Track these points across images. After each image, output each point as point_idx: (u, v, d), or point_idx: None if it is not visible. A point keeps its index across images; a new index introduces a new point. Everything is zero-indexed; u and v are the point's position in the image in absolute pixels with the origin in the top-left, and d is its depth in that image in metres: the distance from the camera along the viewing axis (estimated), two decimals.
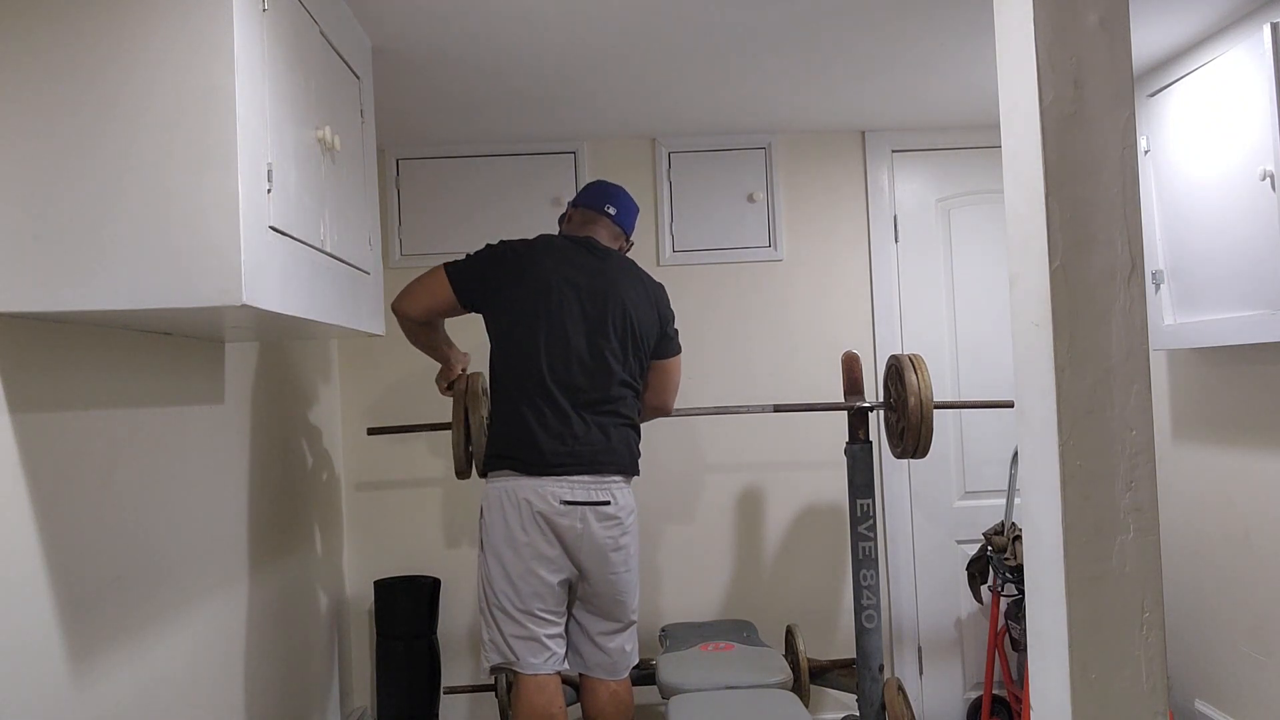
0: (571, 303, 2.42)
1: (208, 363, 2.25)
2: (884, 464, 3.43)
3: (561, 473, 2.36)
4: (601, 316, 2.44)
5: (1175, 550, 3.06)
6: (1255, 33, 2.36)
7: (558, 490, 2.35)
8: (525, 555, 2.35)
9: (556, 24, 2.36)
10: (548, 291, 2.42)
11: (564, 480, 2.36)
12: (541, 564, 2.36)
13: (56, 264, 1.43)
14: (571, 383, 2.40)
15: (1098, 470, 1.46)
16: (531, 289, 2.42)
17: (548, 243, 2.53)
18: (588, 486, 2.38)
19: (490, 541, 2.39)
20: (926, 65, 2.79)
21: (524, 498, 2.35)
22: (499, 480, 2.40)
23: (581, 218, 2.61)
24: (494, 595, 2.38)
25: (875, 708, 2.86)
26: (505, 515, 2.36)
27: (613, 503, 2.41)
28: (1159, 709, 1.46)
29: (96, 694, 1.70)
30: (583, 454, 2.39)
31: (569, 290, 2.43)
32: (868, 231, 3.51)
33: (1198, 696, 3.00)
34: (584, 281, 2.45)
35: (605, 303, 2.45)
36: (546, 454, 2.36)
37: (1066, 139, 1.47)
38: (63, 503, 1.62)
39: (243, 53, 1.49)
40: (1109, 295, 1.47)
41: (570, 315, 2.41)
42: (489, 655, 2.43)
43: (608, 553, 2.40)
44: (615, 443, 2.44)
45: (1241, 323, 2.49)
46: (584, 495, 2.37)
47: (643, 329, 2.51)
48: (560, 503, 2.35)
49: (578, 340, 2.41)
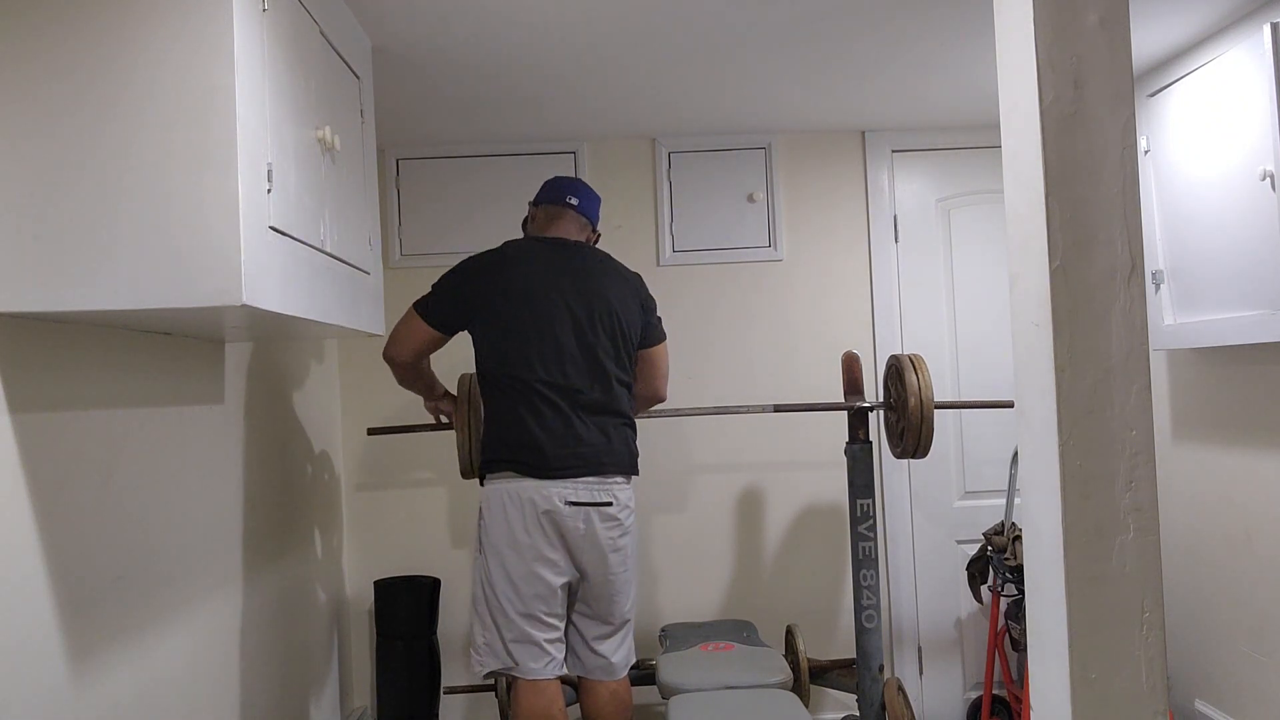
0: (559, 307, 2.41)
1: (208, 363, 2.25)
2: (884, 464, 3.43)
3: (566, 475, 2.36)
4: (589, 316, 2.43)
5: (1175, 550, 3.06)
6: (1255, 33, 2.36)
7: (562, 491, 2.35)
8: (528, 557, 2.34)
9: (557, 24, 2.36)
10: (531, 298, 2.40)
11: (568, 482, 2.36)
12: (545, 566, 2.35)
13: (57, 264, 1.43)
14: (568, 385, 2.39)
15: (1098, 470, 1.46)
16: (515, 297, 2.41)
17: (520, 248, 2.51)
18: (591, 487, 2.38)
19: (490, 543, 2.38)
20: (926, 65, 2.79)
21: (528, 498, 2.34)
22: (500, 482, 2.38)
23: (545, 215, 2.58)
24: (494, 597, 2.37)
25: (875, 708, 2.86)
26: (507, 516, 2.35)
27: (615, 503, 2.41)
28: (1159, 709, 1.46)
29: (96, 694, 1.70)
30: (586, 455, 2.38)
31: (554, 294, 2.41)
32: (868, 231, 3.51)
33: (1198, 696, 3.00)
34: (566, 283, 2.43)
35: (591, 302, 2.44)
36: (550, 457, 2.35)
37: (1066, 139, 1.47)
38: (63, 503, 1.62)
39: (243, 53, 1.49)
40: (1109, 295, 1.47)
41: (559, 319, 2.40)
42: (483, 660, 2.40)
43: (608, 553, 2.39)
44: (615, 443, 2.44)
45: (1241, 323, 2.49)
46: (588, 496, 2.37)
47: (628, 323, 2.51)
48: (565, 503, 2.34)
49: (569, 343, 2.40)
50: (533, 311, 2.40)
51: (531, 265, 2.45)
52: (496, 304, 2.41)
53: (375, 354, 3.41)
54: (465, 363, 3.25)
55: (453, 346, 2.56)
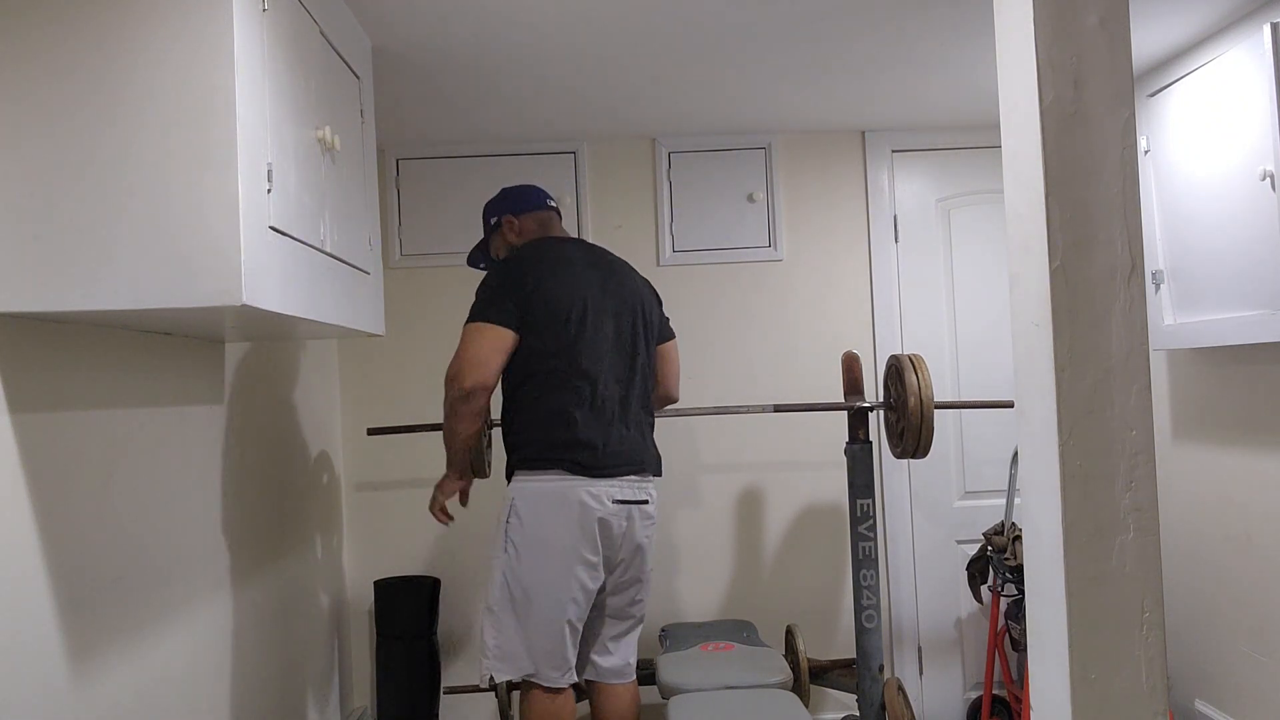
0: (600, 305, 2.39)
1: (208, 363, 2.25)
2: (884, 464, 3.43)
3: (616, 473, 2.35)
4: (623, 314, 2.43)
5: (1175, 550, 3.06)
6: (1255, 33, 2.36)
7: (610, 490, 2.33)
8: (570, 559, 2.29)
9: (557, 24, 2.36)
10: (575, 296, 2.36)
11: (616, 481, 2.34)
12: (584, 569, 2.31)
13: (57, 264, 1.43)
14: (613, 382, 2.38)
15: (1098, 470, 1.46)
16: (561, 294, 2.35)
17: (550, 246, 2.48)
18: (634, 486, 2.38)
19: (524, 543, 2.30)
20: (926, 65, 2.79)
21: (577, 499, 2.29)
22: (542, 480, 2.32)
23: (535, 222, 2.55)
24: (523, 601, 2.29)
25: (875, 708, 2.86)
26: (550, 516, 2.29)
27: (650, 501, 2.43)
28: (1159, 709, 1.46)
29: (96, 694, 1.70)
30: (630, 454, 2.39)
31: (595, 291, 2.40)
32: (868, 231, 3.51)
33: (1198, 696, 3.00)
34: (601, 280, 2.43)
35: (623, 299, 2.44)
36: (601, 455, 2.33)
37: (1066, 139, 1.47)
38: (63, 503, 1.62)
39: (243, 53, 1.49)
40: (1109, 295, 1.47)
41: (602, 316, 2.39)
42: (496, 666, 2.31)
43: (642, 550, 2.41)
44: (649, 442, 2.47)
45: (1241, 323, 2.49)
46: (631, 494, 2.37)
47: (650, 320, 2.52)
48: (613, 502, 2.33)
49: (610, 340, 2.39)
50: (579, 309, 2.36)
51: (571, 263, 2.42)
52: (544, 300, 2.34)
53: (375, 354, 3.43)
54: None
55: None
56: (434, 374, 2.92)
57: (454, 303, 3.41)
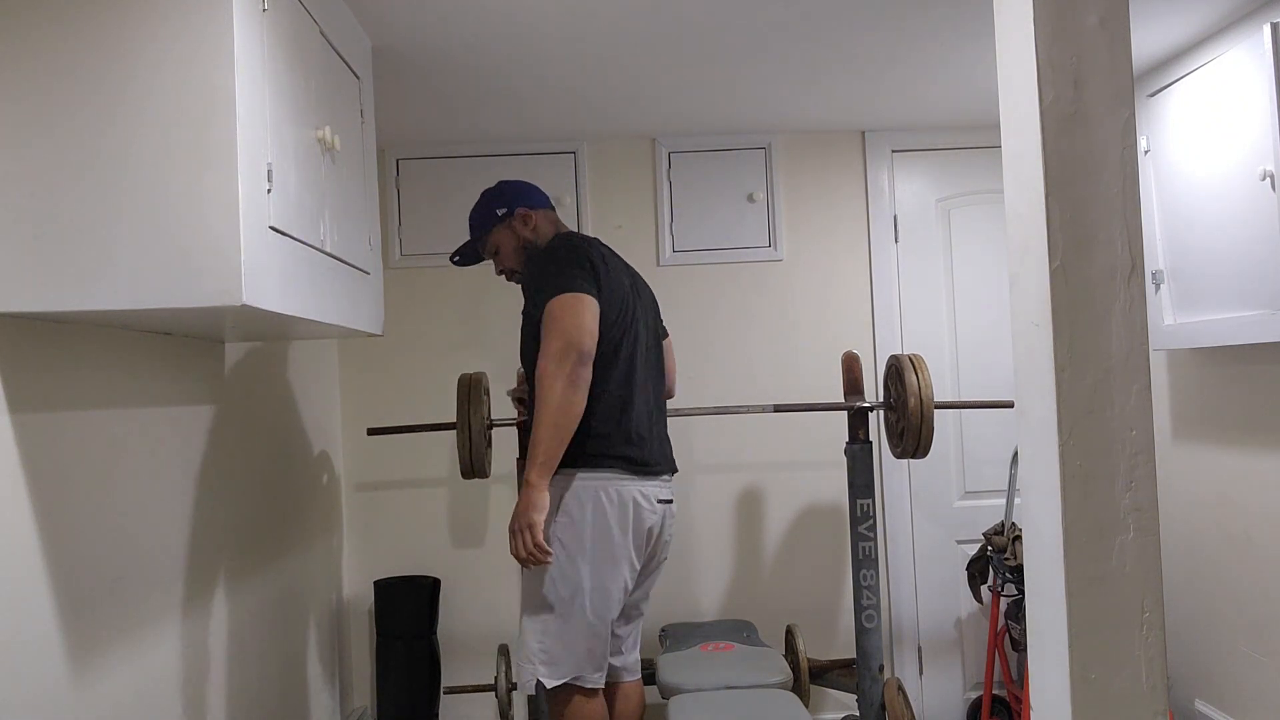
0: (638, 304, 2.40)
1: (208, 363, 2.25)
2: (884, 464, 3.43)
3: (659, 473, 2.36)
4: (648, 313, 2.46)
5: (1175, 550, 3.06)
6: (1255, 33, 2.36)
7: (654, 489, 2.33)
8: (620, 561, 2.26)
9: (557, 23, 2.36)
10: (624, 293, 2.35)
11: (658, 480, 2.35)
12: (630, 570, 2.29)
13: (57, 264, 1.43)
14: (648, 380, 2.39)
15: (1098, 470, 1.46)
16: (612, 290, 2.31)
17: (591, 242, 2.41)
18: (668, 485, 2.40)
19: (580, 544, 2.23)
20: (926, 65, 2.79)
21: (630, 498, 2.26)
22: (599, 479, 2.25)
23: (546, 218, 2.51)
24: (579, 602, 2.23)
25: (875, 708, 2.86)
26: (606, 515, 2.24)
27: (674, 500, 2.44)
28: (1159, 709, 1.46)
29: (96, 694, 1.70)
30: (665, 452, 2.42)
31: (631, 290, 2.39)
32: (868, 231, 3.51)
33: (1198, 696, 3.00)
34: (627, 279, 2.42)
35: (646, 301, 2.47)
36: (649, 453, 2.33)
37: (1066, 139, 1.47)
38: (62, 503, 1.62)
39: (243, 53, 1.49)
40: (1109, 295, 1.47)
41: (641, 315, 2.40)
42: (541, 670, 2.23)
43: (665, 549, 2.43)
44: (668, 440, 2.47)
45: (1241, 323, 2.49)
46: (667, 494, 2.39)
47: (660, 321, 2.56)
48: (657, 501, 2.34)
49: (645, 339, 2.40)
50: (630, 304, 2.36)
51: (610, 259, 2.38)
52: (610, 288, 2.29)
53: (375, 354, 3.43)
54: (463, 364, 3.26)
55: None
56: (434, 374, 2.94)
57: (454, 303, 3.43)
